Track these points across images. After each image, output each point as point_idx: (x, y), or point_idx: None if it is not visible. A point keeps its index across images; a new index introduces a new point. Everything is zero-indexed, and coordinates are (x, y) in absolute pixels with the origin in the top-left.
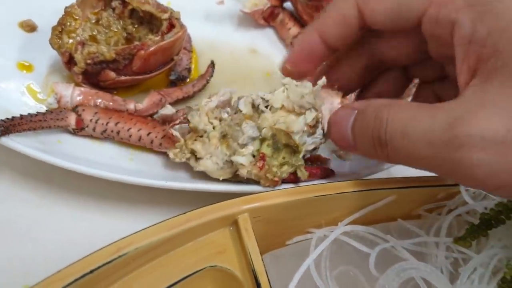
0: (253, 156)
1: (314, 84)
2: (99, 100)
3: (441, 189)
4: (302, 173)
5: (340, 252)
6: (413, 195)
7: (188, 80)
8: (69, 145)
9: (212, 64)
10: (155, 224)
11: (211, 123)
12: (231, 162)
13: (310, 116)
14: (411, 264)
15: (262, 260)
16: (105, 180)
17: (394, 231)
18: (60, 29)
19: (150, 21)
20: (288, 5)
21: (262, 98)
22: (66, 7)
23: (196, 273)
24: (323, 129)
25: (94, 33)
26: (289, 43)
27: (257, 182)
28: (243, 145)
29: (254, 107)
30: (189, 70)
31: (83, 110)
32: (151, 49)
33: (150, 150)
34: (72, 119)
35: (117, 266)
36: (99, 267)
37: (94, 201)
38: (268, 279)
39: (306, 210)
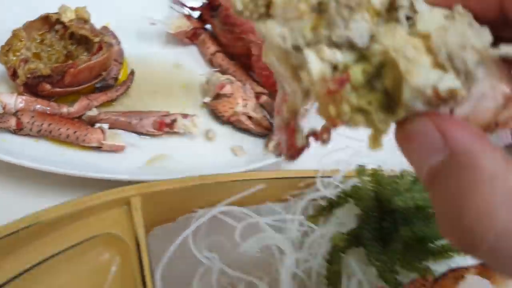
0: (334, 69)
1: None
2: (38, 106)
3: (303, 180)
4: (374, 140)
5: (216, 227)
6: (281, 184)
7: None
8: (12, 143)
9: (132, 72)
10: (67, 201)
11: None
12: (301, 52)
13: (449, 81)
14: (269, 235)
15: (146, 231)
16: (40, 170)
17: (263, 211)
18: (7, 48)
19: (86, 42)
20: (209, 26)
21: (411, 6)
22: (14, 30)
23: (96, 237)
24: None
25: (38, 50)
26: (208, 59)
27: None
28: (333, 44)
29: (392, 7)
30: (115, 79)
31: (22, 114)
32: (80, 67)
33: (79, 146)
34: (13, 121)
35: (27, 234)
36: (12, 233)
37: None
38: (148, 245)
39: (192, 195)
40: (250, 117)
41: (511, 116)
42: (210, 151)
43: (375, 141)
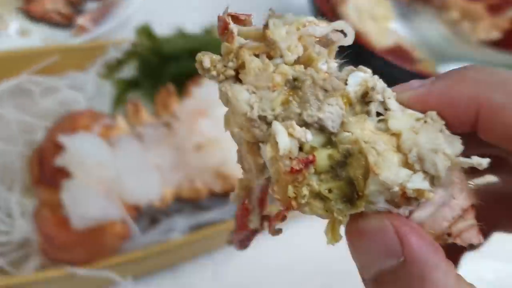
0: (299, 149)
1: None
2: None
3: (97, 49)
4: (332, 233)
5: (20, 93)
6: (79, 55)
7: None
8: None
9: None
10: None
11: (296, 52)
12: (267, 125)
13: (418, 182)
14: (66, 93)
15: None
16: None
17: (64, 78)
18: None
19: None
20: None
21: (382, 102)
22: None
23: None
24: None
25: None
26: None
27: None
28: (303, 123)
29: (364, 97)
30: None
31: None
32: None
33: None
34: None
35: None
36: None
37: None
38: None
39: None
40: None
41: (465, 229)
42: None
43: (333, 233)
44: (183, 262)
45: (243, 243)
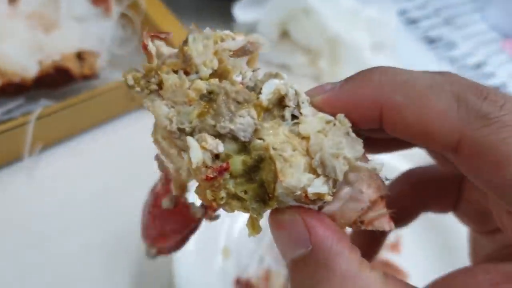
0: (215, 157)
1: None
2: None
3: None
4: (252, 227)
5: None
6: None
7: None
8: None
9: None
10: None
11: (211, 66)
12: (184, 136)
13: (317, 186)
14: None
15: None
16: None
17: None
18: None
19: None
20: None
21: (297, 106)
22: None
23: None
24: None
25: None
26: None
27: None
28: (217, 133)
29: (279, 104)
30: None
31: None
32: None
33: None
34: None
35: None
36: None
37: None
38: None
39: None
40: None
41: (375, 217)
42: None
43: (253, 226)
44: None
45: (180, 243)
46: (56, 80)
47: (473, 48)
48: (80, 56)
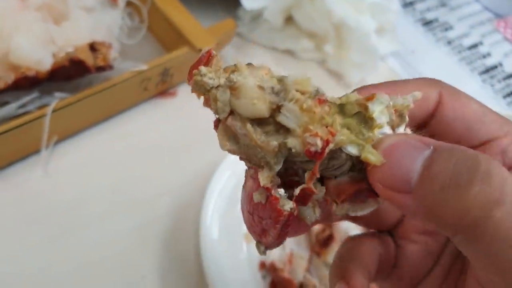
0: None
1: None
2: None
3: None
4: (370, 154)
5: None
6: None
7: None
8: None
9: None
10: None
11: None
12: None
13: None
14: None
15: None
16: None
17: None
18: None
19: None
20: None
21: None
22: None
23: None
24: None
25: None
26: None
27: None
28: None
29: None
30: None
31: None
32: None
33: None
34: None
35: None
36: None
37: None
38: None
39: None
40: None
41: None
42: None
43: (371, 157)
44: (11, 163)
45: (281, 236)
46: (70, 73)
47: (468, 29)
48: (93, 47)
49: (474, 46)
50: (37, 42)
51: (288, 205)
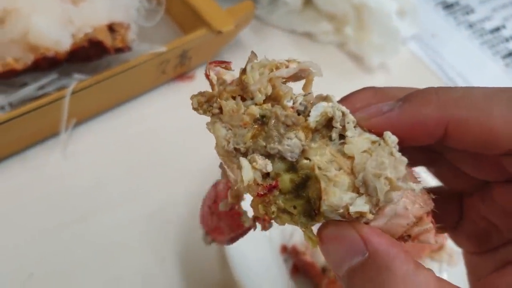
0: (266, 175)
1: None
2: None
3: None
4: (310, 240)
5: None
6: None
7: None
8: None
9: None
10: None
11: (265, 92)
12: (241, 155)
13: (359, 205)
14: None
15: None
16: None
17: None
18: None
19: None
20: None
21: (343, 127)
22: None
23: None
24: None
25: None
26: None
27: None
28: (267, 154)
29: (328, 125)
30: None
31: None
32: None
33: None
34: None
35: None
36: None
37: None
38: None
39: None
40: None
41: (421, 232)
42: None
43: (311, 240)
44: (30, 145)
45: (234, 240)
46: (89, 54)
47: (490, 12)
48: (111, 28)
49: (497, 29)
50: (56, 23)
51: (249, 222)
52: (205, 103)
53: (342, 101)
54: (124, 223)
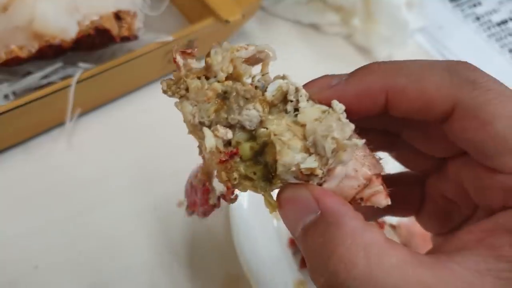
0: (228, 144)
1: None
2: None
3: None
4: (270, 205)
5: None
6: None
7: None
8: None
9: None
10: None
11: (226, 71)
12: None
13: (309, 163)
14: None
15: None
16: None
17: None
18: None
19: None
20: None
21: (297, 101)
22: None
23: None
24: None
25: None
26: None
27: None
28: (228, 125)
29: (284, 99)
30: None
31: None
32: None
33: None
34: None
35: None
36: None
37: None
38: None
39: None
40: None
41: (372, 194)
42: None
43: (269, 205)
44: (34, 135)
45: (206, 214)
46: (94, 42)
47: (497, 5)
48: (118, 16)
49: (504, 22)
50: (62, 10)
51: (213, 199)
52: (173, 85)
53: (304, 86)
54: (130, 214)
